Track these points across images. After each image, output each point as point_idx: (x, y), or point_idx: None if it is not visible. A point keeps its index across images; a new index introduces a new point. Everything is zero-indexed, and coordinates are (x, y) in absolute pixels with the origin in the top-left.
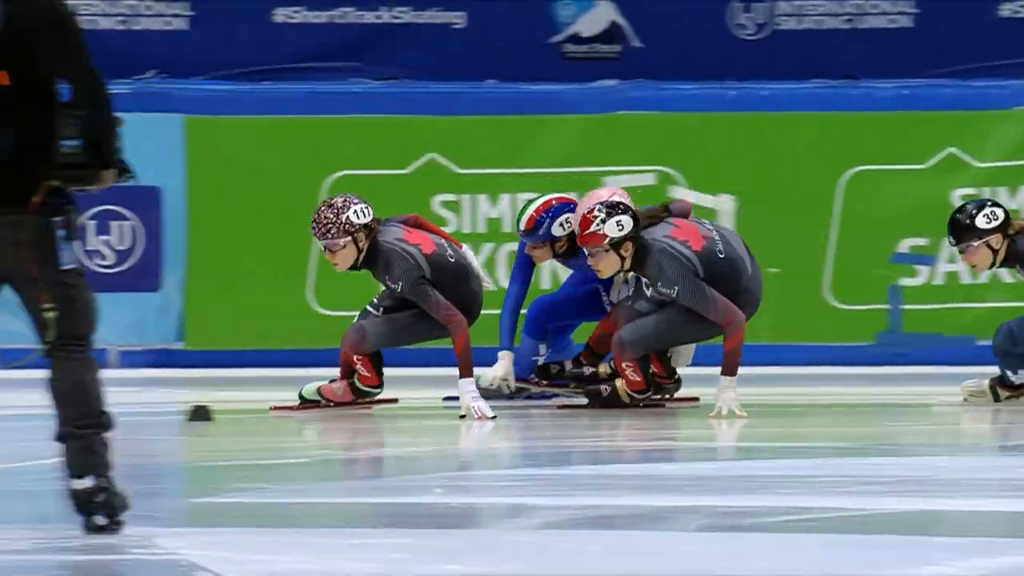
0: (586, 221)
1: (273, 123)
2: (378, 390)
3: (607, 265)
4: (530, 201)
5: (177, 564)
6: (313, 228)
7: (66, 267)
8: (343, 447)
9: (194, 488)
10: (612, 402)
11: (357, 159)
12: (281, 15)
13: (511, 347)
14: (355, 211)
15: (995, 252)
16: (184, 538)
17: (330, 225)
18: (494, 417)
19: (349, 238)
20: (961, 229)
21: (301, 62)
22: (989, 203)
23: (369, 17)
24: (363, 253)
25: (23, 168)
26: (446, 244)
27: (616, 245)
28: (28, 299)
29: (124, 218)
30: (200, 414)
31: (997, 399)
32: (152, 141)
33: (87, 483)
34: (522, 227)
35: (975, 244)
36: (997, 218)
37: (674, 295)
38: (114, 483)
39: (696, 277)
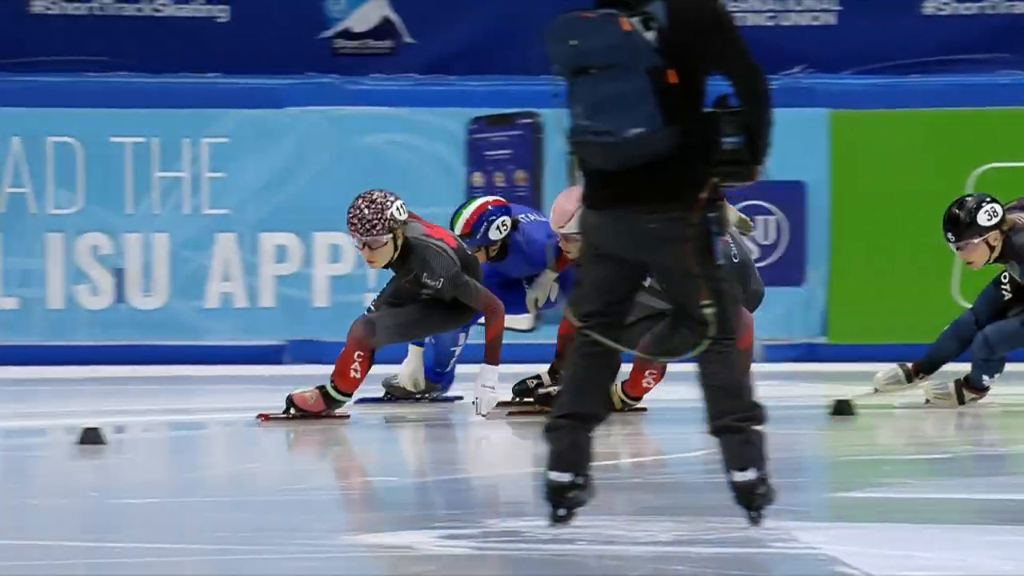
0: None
1: (918, 116)
2: (347, 398)
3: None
4: (464, 204)
5: (817, 559)
6: (353, 224)
7: (718, 263)
8: (983, 443)
9: (835, 482)
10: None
11: (1006, 151)
12: (931, 7)
13: (422, 343)
14: (397, 207)
15: (991, 249)
16: (824, 533)
17: (374, 221)
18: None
19: (391, 235)
20: (962, 227)
21: (948, 54)
22: (988, 199)
23: (1021, 7)
24: (398, 251)
25: (688, 166)
26: (456, 237)
27: None
28: (681, 295)
29: (769, 213)
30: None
31: (961, 401)
32: (797, 136)
33: (749, 476)
34: (458, 231)
35: (975, 241)
36: (997, 215)
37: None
38: (770, 476)
39: None
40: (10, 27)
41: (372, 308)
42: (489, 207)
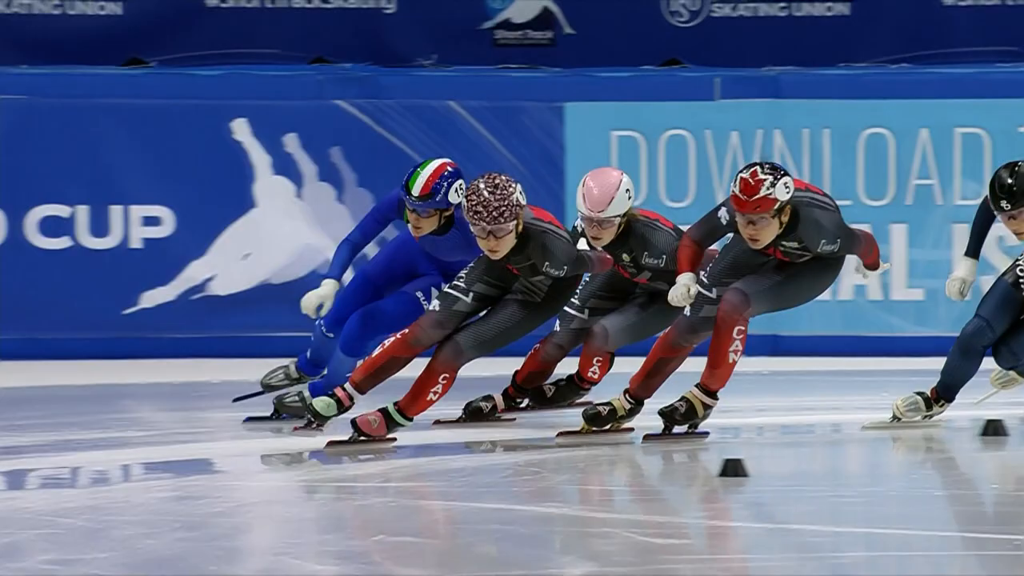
0: (757, 184)
1: None
2: (409, 423)
3: (771, 231)
4: (420, 165)
5: None
6: (478, 211)
7: None
8: None
9: None
10: (609, 420)
11: None
12: None
13: (339, 277)
14: (519, 191)
15: None
16: None
17: (502, 208)
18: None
19: (516, 221)
20: (1018, 193)
21: None
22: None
23: None
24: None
25: None
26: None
27: (781, 210)
28: None
29: None
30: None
31: (929, 413)
32: None
33: None
34: (416, 192)
35: None
36: None
37: (836, 248)
38: None
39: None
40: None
41: (439, 307)
42: (448, 168)
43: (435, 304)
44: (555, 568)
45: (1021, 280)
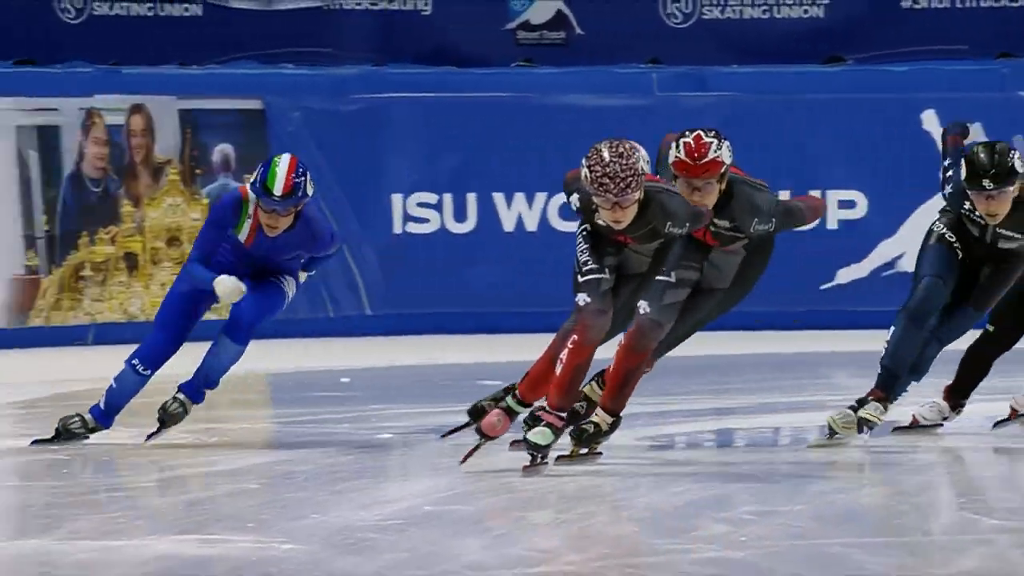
0: (704, 147)
1: None
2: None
3: (713, 197)
4: (271, 163)
5: None
6: (603, 183)
7: None
8: None
9: None
10: (596, 438)
11: None
12: None
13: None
14: (643, 157)
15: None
16: None
17: (628, 178)
18: None
19: (640, 190)
20: (1006, 172)
21: None
22: (1010, 145)
23: None
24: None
25: None
26: None
27: (724, 176)
28: None
29: None
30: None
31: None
32: None
33: None
34: (279, 192)
35: (1010, 189)
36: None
37: (771, 227)
38: None
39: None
40: None
41: (591, 297)
42: (297, 161)
43: (583, 298)
44: None
45: (944, 233)
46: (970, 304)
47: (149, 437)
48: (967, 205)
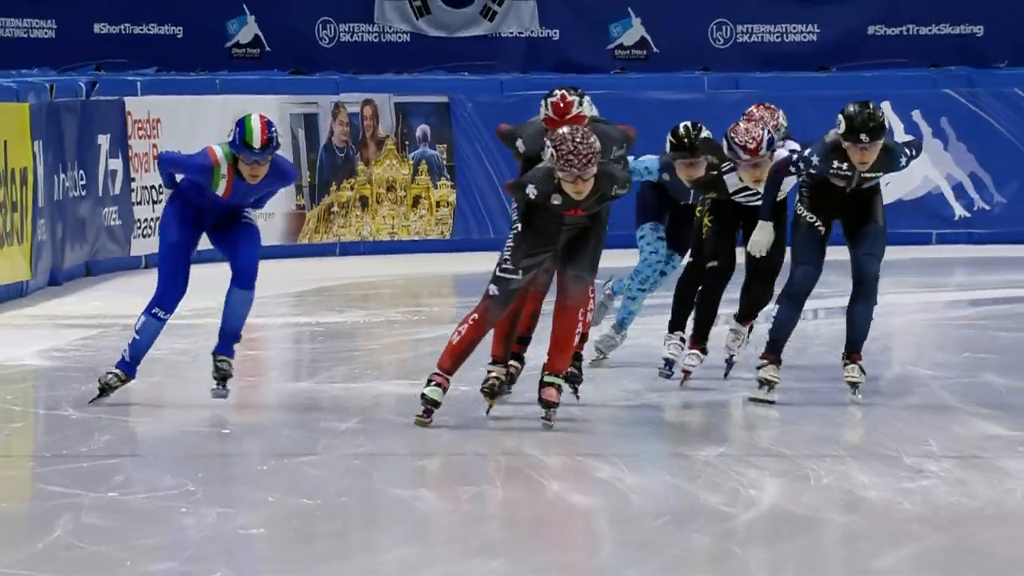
0: (568, 104)
1: None
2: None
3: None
4: (245, 120)
5: None
6: (569, 160)
7: None
8: None
9: None
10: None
11: None
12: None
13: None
14: (596, 140)
15: None
16: None
17: (589, 155)
18: None
19: (596, 166)
20: (879, 126)
21: None
22: (877, 104)
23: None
24: None
25: None
26: None
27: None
28: None
29: None
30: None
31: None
32: None
33: None
34: (258, 144)
35: (880, 142)
36: None
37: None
38: None
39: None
40: None
41: (498, 291)
42: (266, 117)
43: (493, 289)
44: None
45: (811, 219)
46: (869, 253)
47: (215, 393)
48: (835, 164)
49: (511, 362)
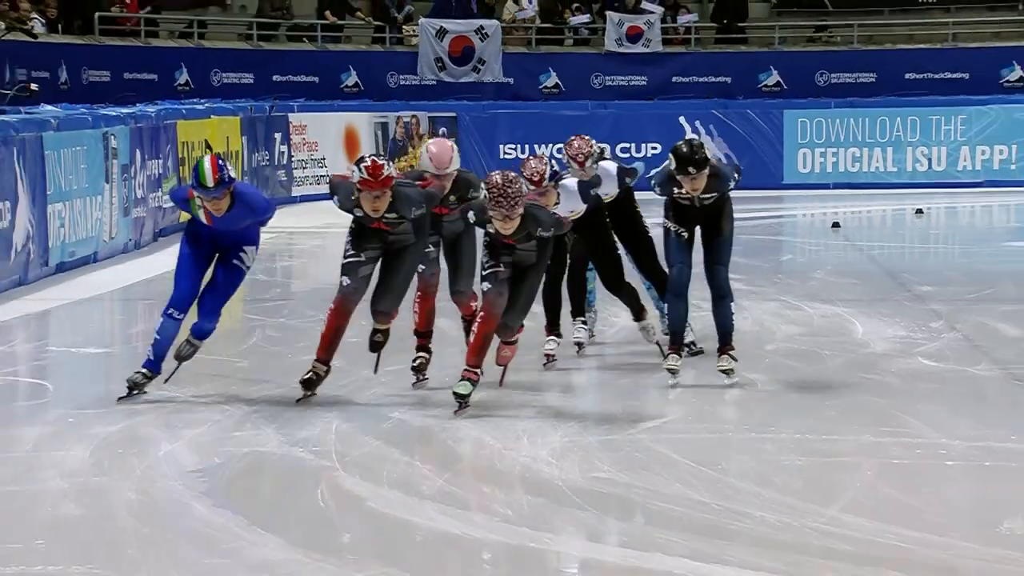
0: (379, 167)
1: None
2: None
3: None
4: (200, 164)
5: None
6: (499, 201)
7: None
8: None
9: None
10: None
11: None
12: None
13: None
14: (522, 182)
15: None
16: None
17: (516, 197)
18: None
19: (522, 207)
20: (703, 160)
21: None
22: (700, 141)
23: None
24: None
25: None
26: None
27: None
28: None
29: None
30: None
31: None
32: None
33: None
34: (211, 183)
35: (706, 172)
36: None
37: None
38: None
39: None
40: None
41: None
42: (216, 156)
43: (486, 285)
44: None
45: (675, 228)
46: (717, 263)
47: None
48: (674, 190)
49: (420, 353)
